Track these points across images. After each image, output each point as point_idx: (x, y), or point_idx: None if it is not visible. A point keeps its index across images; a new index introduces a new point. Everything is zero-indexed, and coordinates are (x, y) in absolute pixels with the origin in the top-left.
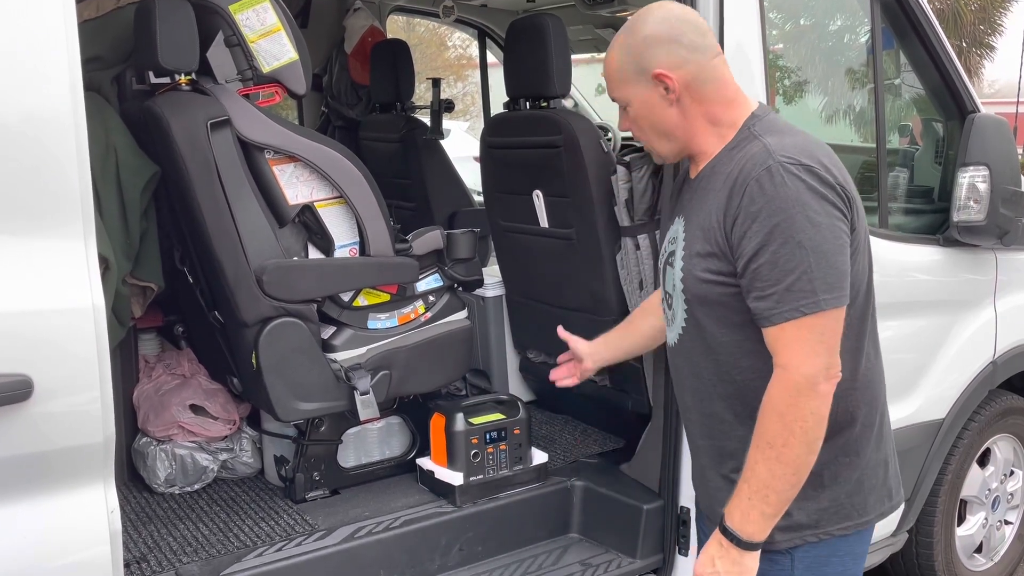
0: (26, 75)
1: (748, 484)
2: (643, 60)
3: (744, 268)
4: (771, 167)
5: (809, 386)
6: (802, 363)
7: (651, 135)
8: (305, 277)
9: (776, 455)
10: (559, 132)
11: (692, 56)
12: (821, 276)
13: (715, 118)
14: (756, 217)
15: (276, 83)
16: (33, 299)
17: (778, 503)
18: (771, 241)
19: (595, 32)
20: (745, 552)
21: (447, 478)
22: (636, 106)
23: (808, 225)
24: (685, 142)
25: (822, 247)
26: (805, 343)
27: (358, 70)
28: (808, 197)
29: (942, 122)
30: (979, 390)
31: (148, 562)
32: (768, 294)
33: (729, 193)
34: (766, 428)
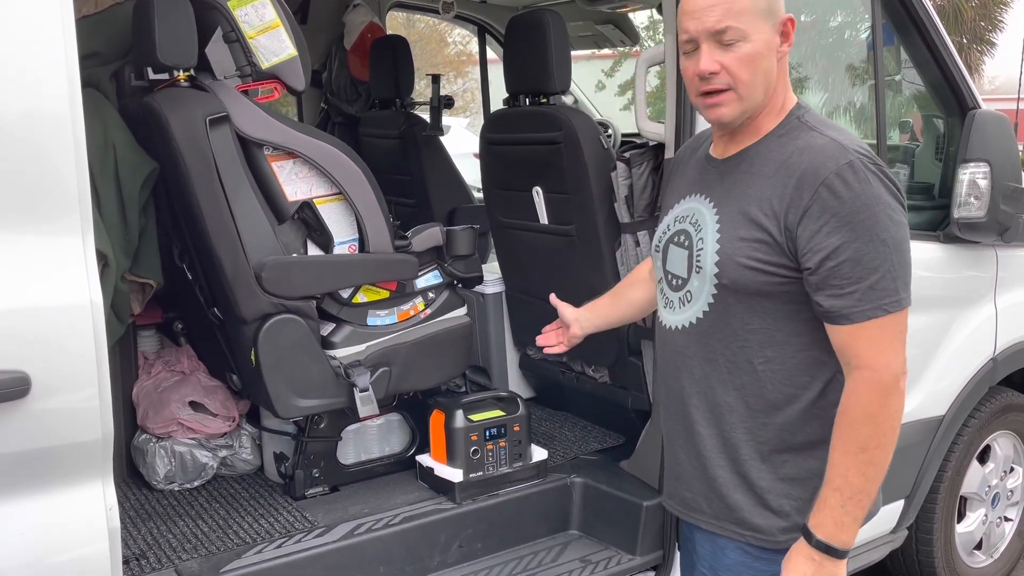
0: (23, 71)
1: (840, 492)
2: (776, 2)
3: (819, 265)
4: (853, 163)
5: (895, 384)
6: (890, 362)
7: (760, 79)
8: (304, 274)
9: (869, 458)
10: (559, 128)
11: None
12: (902, 275)
13: (780, 96)
14: (837, 213)
15: (275, 79)
16: (31, 296)
17: (868, 504)
18: (855, 239)
19: (595, 28)
20: (839, 561)
21: (447, 475)
22: (757, 43)
23: (891, 223)
24: (760, 103)
25: (901, 245)
26: (890, 342)
27: (358, 66)
28: (887, 197)
29: (943, 118)
30: (979, 387)
31: (147, 559)
32: (849, 291)
33: (797, 184)
34: (857, 432)
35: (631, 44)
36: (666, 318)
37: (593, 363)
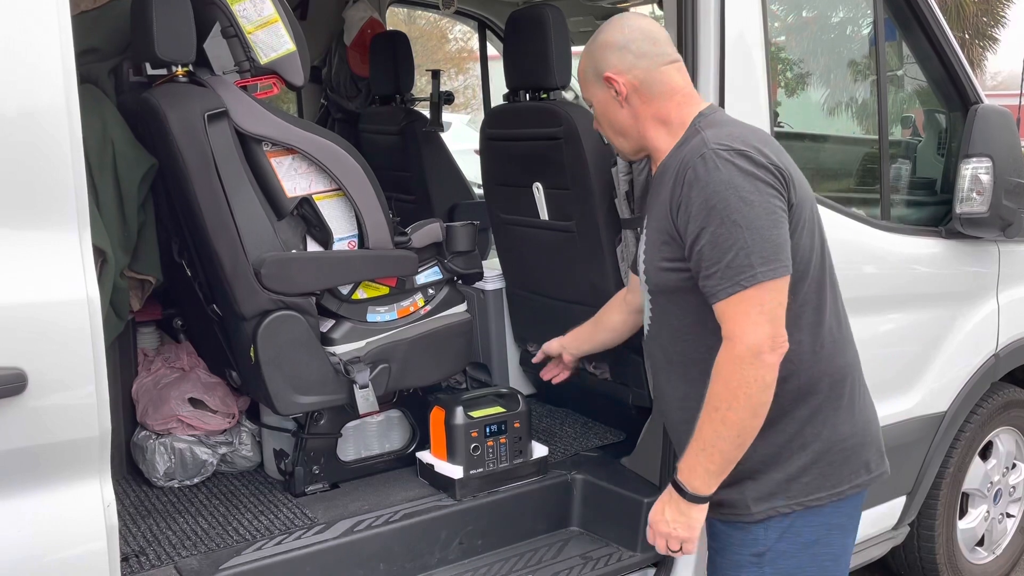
0: (19, 66)
1: (696, 442)
2: (598, 64)
3: (690, 251)
4: (705, 154)
5: (752, 355)
6: (746, 333)
7: (610, 133)
8: (304, 270)
9: (721, 417)
10: (559, 124)
11: (639, 62)
12: (757, 250)
13: (665, 118)
14: (694, 202)
15: (274, 75)
16: (27, 291)
17: (722, 462)
18: (709, 223)
19: (596, 23)
20: (692, 504)
21: (447, 471)
22: (596, 106)
23: (741, 204)
24: (638, 140)
25: (755, 223)
26: (747, 315)
27: (357, 62)
28: (739, 179)
29: (945, 113)
30: (981, 383)
31: (147, 556)
32: (711, 272)
33: (673, 183)
34: (713, 392)
35: None
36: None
37: (594, 360)
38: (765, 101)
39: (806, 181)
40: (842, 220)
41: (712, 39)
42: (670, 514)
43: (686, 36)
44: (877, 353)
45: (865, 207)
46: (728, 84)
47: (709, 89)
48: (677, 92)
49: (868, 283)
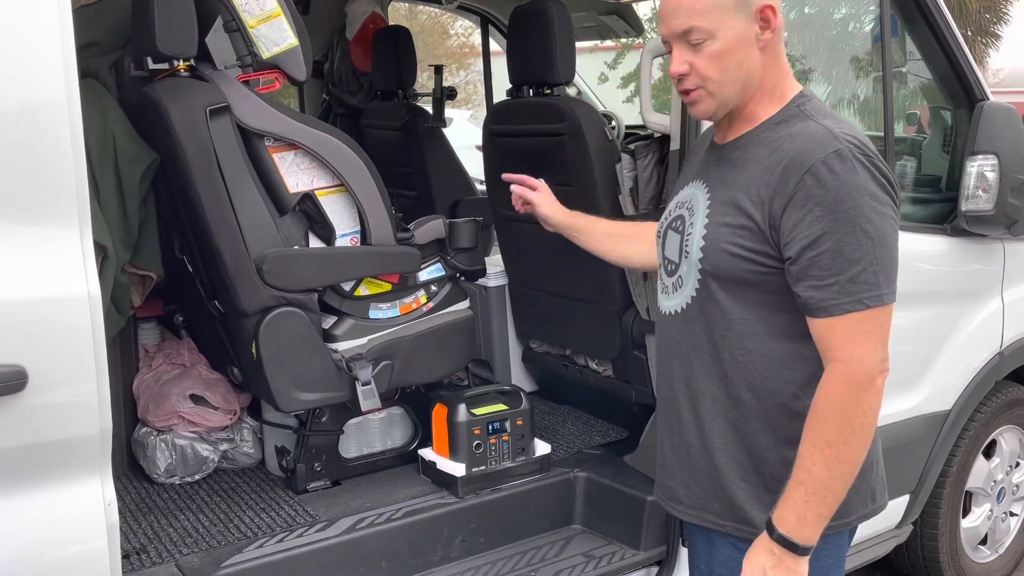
0: (19, 61)
1: (804, 486)
2: None
3: (799, 254)
4: (841, 151)
5: (869, 380)
6: (864, 357)
7: (732, 75)
8: (306, 266)
9: (836, 454)
10: (563, 120)
11: (781, 10)
12: (885, 269)
13: (775, 84)
14: (821, 201)
15: (276, 69)
16: (27, 288)
17: (834, 503)
18: (836, 228)
19: (599, 19)
20: (800, 558)
21: (449, 469)
22: (726, 40)
23: (875, 215)
24: (747, 97)
25: (886, 239)
26: (867, 337)
27: (360, 57)
28: (875, 187)
29: (950, 110)
30: (985, 381)
31: (148, 553)
32: (828, 283)
33: (784, 171)
34: (825, 427)
35: (635, 35)
36: (662, 303)
37: (596, 357)
38: None
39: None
40: None
41: None
42: (776, 575)
43: None
44: None
45: None
46: None
47: None
48: (783, 58)
49: None
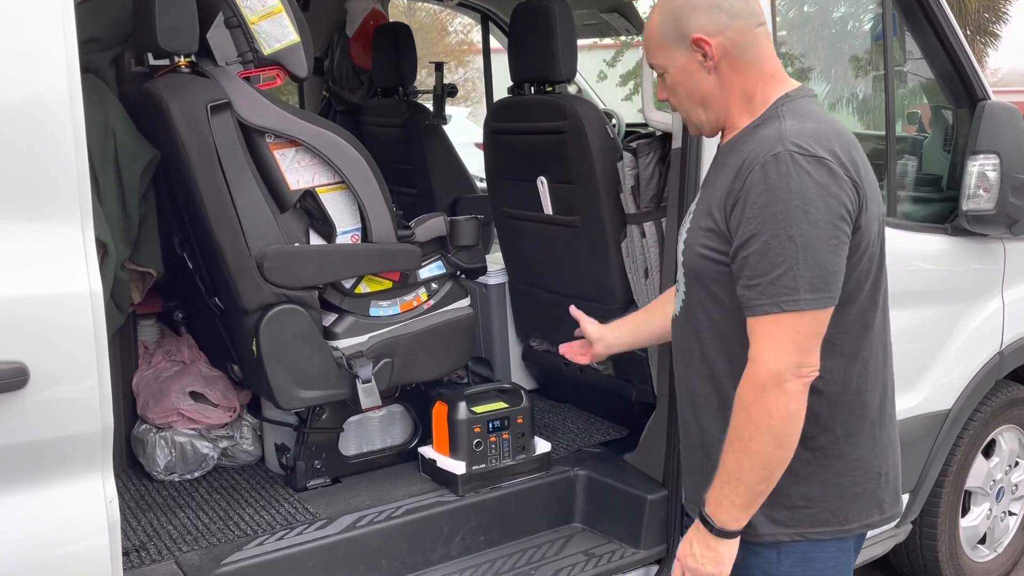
0: (21, 56)
1: (721, 474)
2: (683, 24)
3: (735, 253)
4: (779, 154)
5: (775, 383)
6: (770, 359)
7: (687, 104)
8: (306, 263)
9: (744, 448)
10: (564, 117)
11: (733, 22)
12: (807, 275)
13: (751, 92)
14: (755, 204)
15: (277, 66)
16: (29, 285)
17: (747, 495)
18: (764, 231)
19: (600, 17)
20: (720, 540)
21: (449, 467)
22: (674, 73)
23: (804, 220)
24: (720, 113)
25: (814, 245)
26: (778, 339)
27: (360, 54)
28: (811, 192)
29: (952, 109)
30: (985, 381)
31: (147, 550)
32: (753, 284)
33: (736, 173)
34: (735, 420)
35: (636, 32)
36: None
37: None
38: None
39: (878, 192)
40: None
41: None
42: (698, 549)
43: None
44: None
45: None
46: None
47: None
48: (767, 61)
49: None
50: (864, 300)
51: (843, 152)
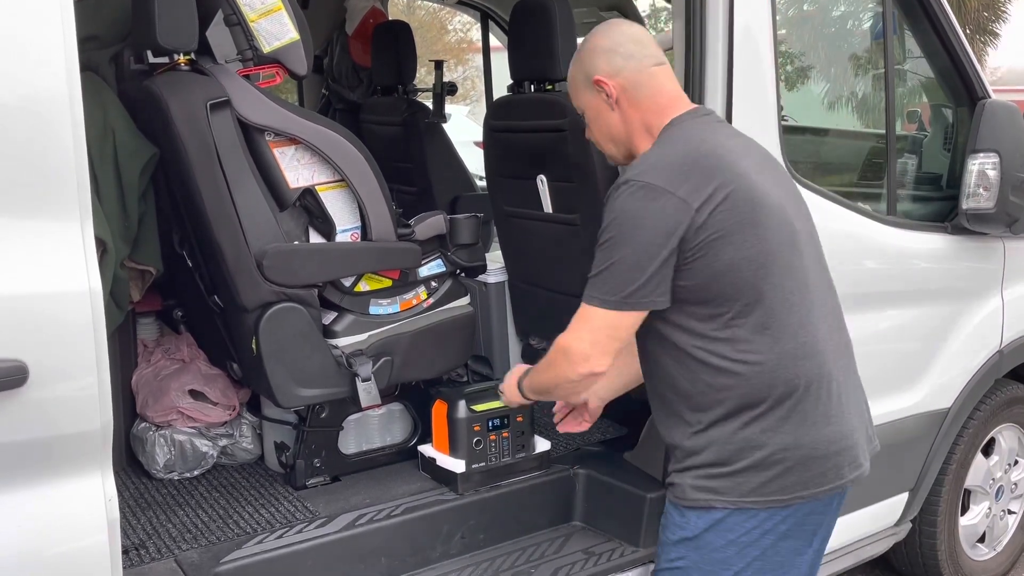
0: (21, 54)
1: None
2: (588, 68)
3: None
4: (619, 185)
5: (563, 354)
6: (567, 337)
7: (601, 139)
8: (306, 262)
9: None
10: (564, 116)
11: (628, 63)
12: (612, 280)
13: (649, 124)
14: (602, 220)
15: (277, 64)
16: (28, 282)
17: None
18: (601, 237)
19: (600, 14)
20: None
21: (449, 466)
22: (588, 112)
23: (617, 236)
24: (627, 144)
25: (614, 255)
26: (580, 325)
27: (359, 52)
28: (633, 213)
29: (952, 108)
30: (985, 379)
31: (147, 548)
32: (588, 275)
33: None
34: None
35: None
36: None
37: None
38: (773, 94)
39: (764, 197)
40: (848, 215)
41: (720, 32)
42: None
43: (694, 29)
44: (881, 349)
45: (871, 202)
46: (736, 77)
47: (717, 82)
48: (663, 94)
49: (873, 278)
50: (769, 288)
51: (684, 174)
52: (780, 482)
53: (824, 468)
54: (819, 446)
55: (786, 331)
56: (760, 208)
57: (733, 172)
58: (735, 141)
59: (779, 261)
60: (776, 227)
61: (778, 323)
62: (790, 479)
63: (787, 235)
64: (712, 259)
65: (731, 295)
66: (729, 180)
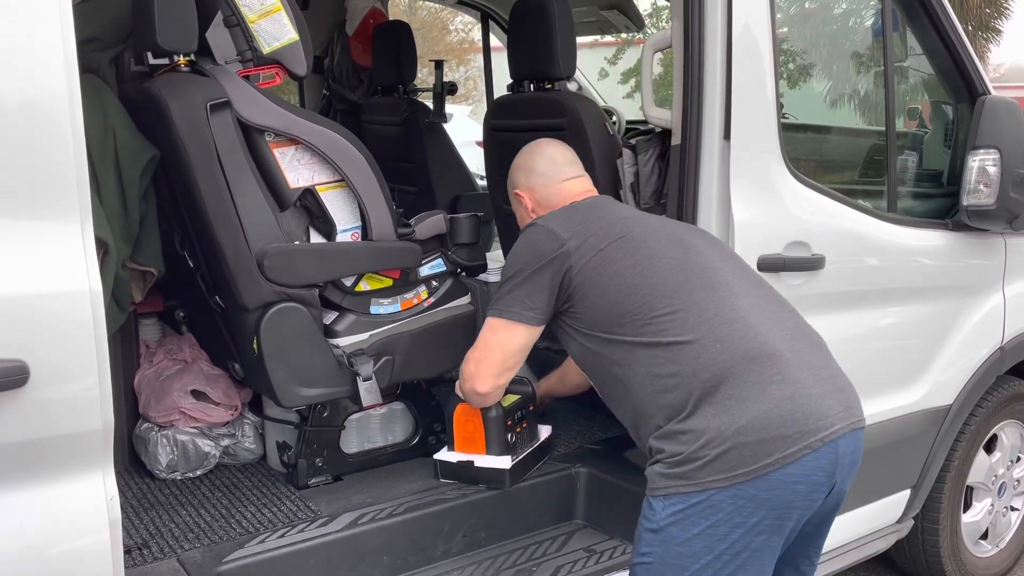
0: (20, 56)
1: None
2: (512, 181)
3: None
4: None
5: (463, 362)
6: (472, 347)
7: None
8: (307, 261)
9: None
10: (563, 115)
11: (539, 180)
12: (501, 298)
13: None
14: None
15: (276, 64)
16: (29, 283)
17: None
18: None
19: (599, 14)
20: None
21: (495, 464)
22: (515, 210)
23: (513, 263)
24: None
25: (513, 279)
26: (481, 334)
27: (360, 52)
28: (526, 244)
29: (952, 105)
30: (987, 376)
31: (150, 548)
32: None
33: None
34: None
35: (636, 30)
36: None
37: None
38: (772, 92)
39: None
40: (848, 212)
41: (719, 30)
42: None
43: (692, 27)
44: (882, 346)
45: (871, 199)
46: (735, 75)
47: (716, 81)
48: (568, 200)
49: (874, 275)
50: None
51: (562, 224)
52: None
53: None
54: (770, 421)
55: (701, 330)
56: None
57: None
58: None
59: (670, 275)
60: (658, 246)
61: (690, 326)
62: (745, 452)
63: (676, 250)
64: (595, 285)
65: (632, 313)
66: (593, 234)
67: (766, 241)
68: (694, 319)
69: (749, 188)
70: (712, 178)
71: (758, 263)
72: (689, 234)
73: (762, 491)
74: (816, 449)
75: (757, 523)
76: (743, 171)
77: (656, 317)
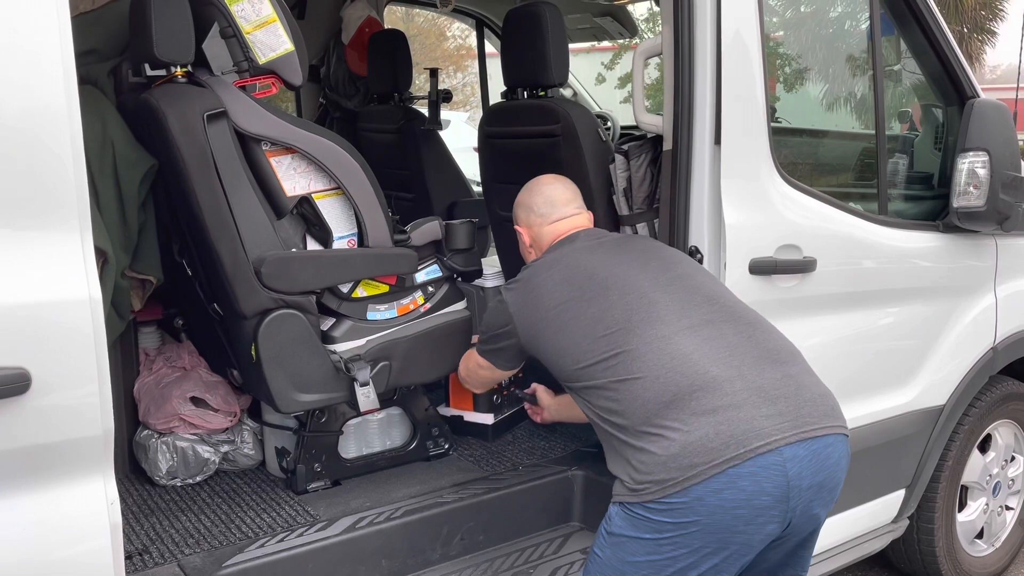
0: (19, 67)
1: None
2: (515, 217)
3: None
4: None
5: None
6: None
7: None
8: (304, 269)
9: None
10: (557, 121)
11: (536, 219)
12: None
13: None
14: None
15: (272, 74)
16: (30, 292)
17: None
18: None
19: (593, 21)
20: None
21: (479, 420)
22: (520, 248)
23: (483, 323)
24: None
25: (487, 322)
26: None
27: (356, 61)
28: (489, 312)
29: (942, 108)
30: (980, 376)
31: (150, 554)
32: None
33: None
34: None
35: (629, 36)
36: None
37: None
38: (762, 97)
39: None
40: (839, 215)
41: (708, 35)
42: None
43: (682, 33)
44: (875, 347)
45: (862, 202)
46: (724, 80)
47: (706, 87)
48: (557, 238)
49: (866, 277)
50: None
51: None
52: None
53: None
54: (703, 444)
55: (638, 363)
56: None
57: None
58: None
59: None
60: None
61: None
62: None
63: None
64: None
65: (579, 360)
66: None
67: (757, 244)
68: (638, 360)
69: (740, 192)
70: (703, 183)
71: (749, 266)
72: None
73: (701, 515)
74: (745, 460)
75: (700, 547)
76: (734, 175)
77: (601, 361)
